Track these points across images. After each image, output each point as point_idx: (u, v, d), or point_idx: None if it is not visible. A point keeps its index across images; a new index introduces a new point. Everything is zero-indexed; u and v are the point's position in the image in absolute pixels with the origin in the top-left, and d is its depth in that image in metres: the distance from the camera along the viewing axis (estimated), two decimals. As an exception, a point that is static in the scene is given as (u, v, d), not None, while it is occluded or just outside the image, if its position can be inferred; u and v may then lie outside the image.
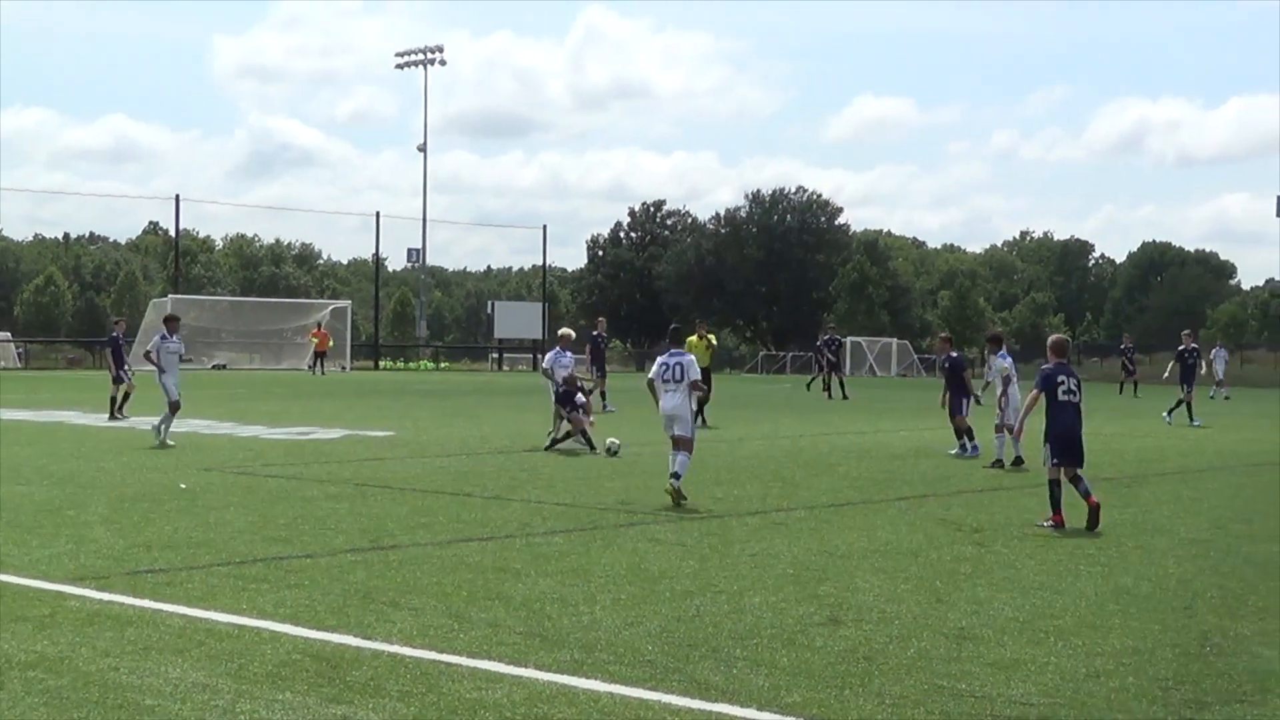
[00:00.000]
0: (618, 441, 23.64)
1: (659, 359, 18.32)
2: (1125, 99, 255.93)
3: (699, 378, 18.21)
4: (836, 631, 10.15)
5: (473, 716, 7.84)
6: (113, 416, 32.44)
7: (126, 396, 33.22)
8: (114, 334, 35.55)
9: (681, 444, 17.63)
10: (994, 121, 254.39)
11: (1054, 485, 16.00)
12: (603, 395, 36.97)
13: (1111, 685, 8.77)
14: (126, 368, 33.90)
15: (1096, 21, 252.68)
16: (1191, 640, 10.12)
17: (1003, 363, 23.62)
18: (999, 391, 23.46)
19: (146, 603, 10.74)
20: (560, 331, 28.10)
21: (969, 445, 25.02)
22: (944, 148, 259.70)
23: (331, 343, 74.97)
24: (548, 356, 27.00)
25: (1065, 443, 16.01)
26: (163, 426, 24.74)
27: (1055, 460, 16.02)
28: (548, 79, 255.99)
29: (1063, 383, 16.11)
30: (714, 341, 33.88)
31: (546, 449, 24.72)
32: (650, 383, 18.26)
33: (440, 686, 8.41)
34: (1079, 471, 16.05)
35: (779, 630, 10.13)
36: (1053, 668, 9.18)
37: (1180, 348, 38.20)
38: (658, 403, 18.08)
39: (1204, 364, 42.64)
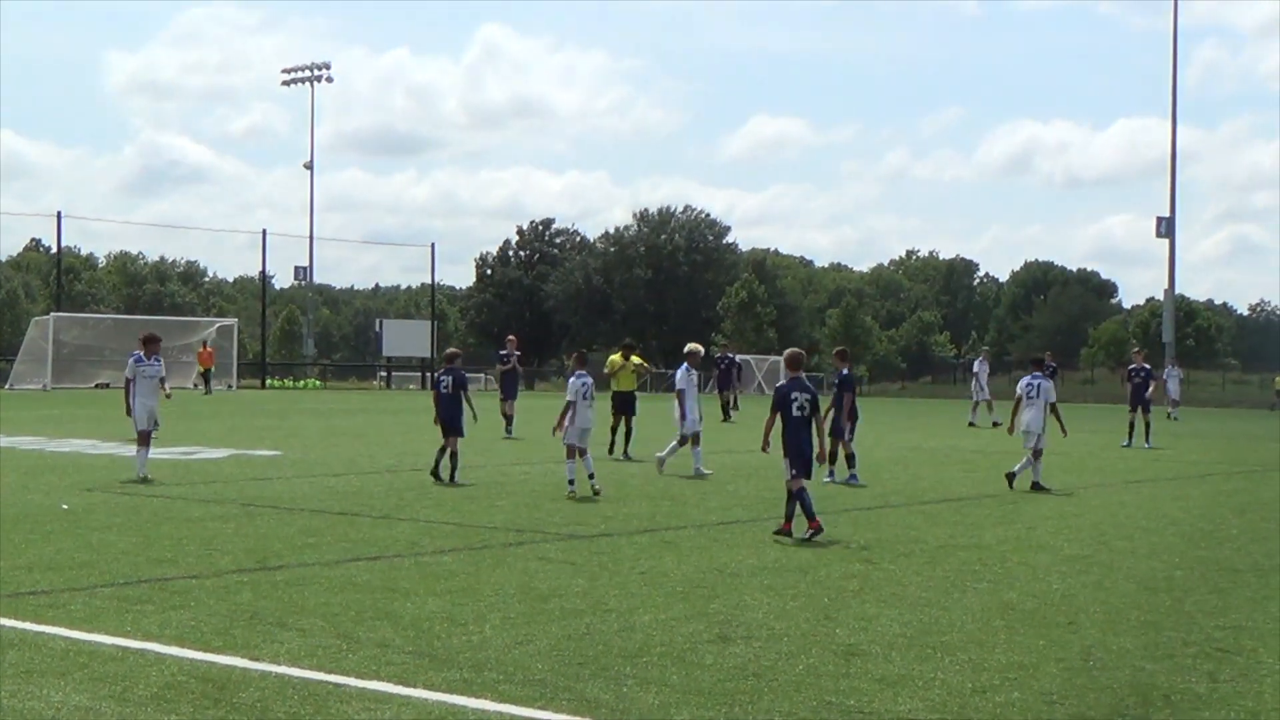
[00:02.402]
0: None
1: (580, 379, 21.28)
2: (1016, 121, 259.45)
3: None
4: (726, 649, 10.18)
5: (361, 737, 7.79)
6: None
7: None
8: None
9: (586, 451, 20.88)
10: (887, 142, 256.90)
11: (801, 494, 16.48)
12: (509, 419, 35.07)
13: (997, 700, 8.87)
14: None
15: (989, 44, 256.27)
16: (1075, 655, 10.25)
17: (1044, 383, 23.51)
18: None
19: (28, 625, 10.58)
20: (689, 348, 26.45)
21: (847, 472, 24.17)
22: (837, 167, 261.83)
23: (215, 361, 74.07)
24: (679, 376, 25.82)
25: (803, 455, 16.54)
26: (138, 460, 22.36)
27: (795, 473, 16.46)
28: (444, 97, 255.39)
29: (795, 399, 16.58)
30: (640, 362, 30.17)
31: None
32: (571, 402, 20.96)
33: (329, 707, 8.35)
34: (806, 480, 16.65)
35: (669, 648, 10.15)
36: (939, 683, 9.27)
37: (1131, 366, 37.71)
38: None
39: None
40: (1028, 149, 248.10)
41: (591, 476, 20.68)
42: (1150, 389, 37.36)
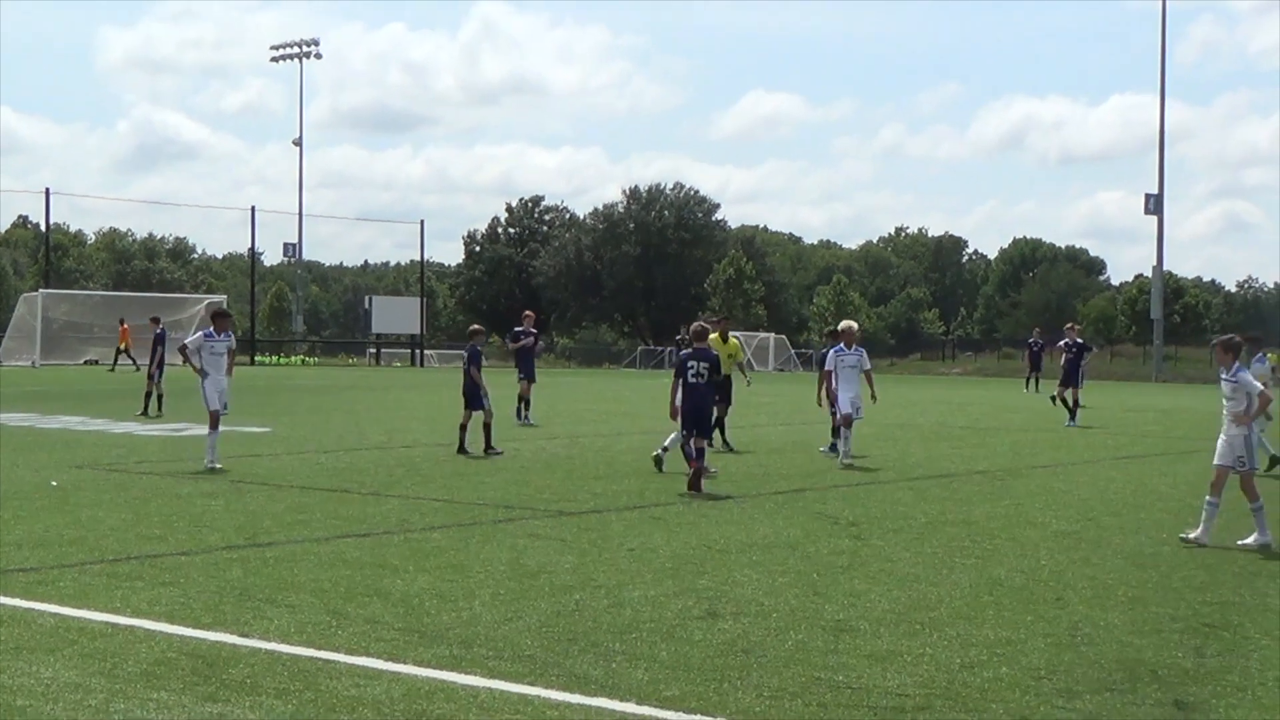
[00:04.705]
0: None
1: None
2: (1011, 96, 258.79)
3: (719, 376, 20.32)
4: (715, 625, 10.20)
5: (351, 713, 7.80)
6: (144, 413, 32.41)
7: (160, 398, 32.98)
8: (158, 330, 35.50)
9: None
10: (882, 118, 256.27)
11: (684, 444, 19.13)
12: (525, 403, 31.63)
13: (985, 675, 8.89)
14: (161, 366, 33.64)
15: (986, 20, 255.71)
16: (1063, 630, 10.28)
17: (1259, 368, 20.50)
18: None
19: (18, 602, 10.58)
20: (842, 326, 24.43)
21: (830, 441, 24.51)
22: (832, 144, 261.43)
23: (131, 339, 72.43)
24: (828, 357, 23.94)
25: (695, 416, 18.83)
26: (209, 447, 21.09)
27: (686, 431, 18.97)
28: (439, 73, 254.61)
29: (692, 366, 18.85)
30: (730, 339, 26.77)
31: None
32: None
33: (318, 683, 8.36)
34: (707, 443, 19.24)
35: (658, 624, 10.17)
36: (928, 659, 9.29)
37: (1063, 341, 36.20)
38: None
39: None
40: (1023, 125, 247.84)
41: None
42: (1084, 364, 36.17)
